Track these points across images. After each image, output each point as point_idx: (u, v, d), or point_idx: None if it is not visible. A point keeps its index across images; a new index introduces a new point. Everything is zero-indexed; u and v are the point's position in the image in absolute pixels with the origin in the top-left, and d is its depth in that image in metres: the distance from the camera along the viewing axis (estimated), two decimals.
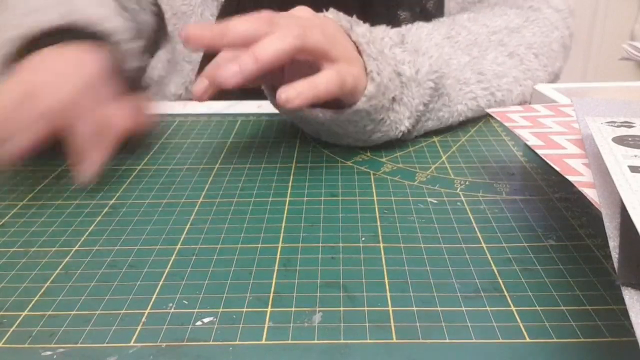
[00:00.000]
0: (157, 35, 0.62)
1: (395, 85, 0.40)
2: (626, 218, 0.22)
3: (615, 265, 0.20)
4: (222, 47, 0.36)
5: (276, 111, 0.52)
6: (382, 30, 0.42)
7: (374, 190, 0.36)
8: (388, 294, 0.26)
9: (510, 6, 0.55)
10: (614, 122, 0.30)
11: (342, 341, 0.23)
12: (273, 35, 0.34)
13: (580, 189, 0.26)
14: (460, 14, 0.52)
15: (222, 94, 0.37)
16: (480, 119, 0.48)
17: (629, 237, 0.21)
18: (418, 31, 0.44)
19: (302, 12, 0.39)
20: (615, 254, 0.21)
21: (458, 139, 0.44)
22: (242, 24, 0.34)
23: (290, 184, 0.37)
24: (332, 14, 0.40)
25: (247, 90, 0.39)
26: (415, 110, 0.41)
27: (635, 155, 0.26)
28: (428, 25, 0.46)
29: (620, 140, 0.27)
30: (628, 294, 0.19)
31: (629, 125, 0.30)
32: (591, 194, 0.25)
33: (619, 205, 0.23)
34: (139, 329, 0.24)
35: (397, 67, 0.40)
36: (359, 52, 0.38)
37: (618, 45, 0.56)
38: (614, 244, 0.21)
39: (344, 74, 0.36)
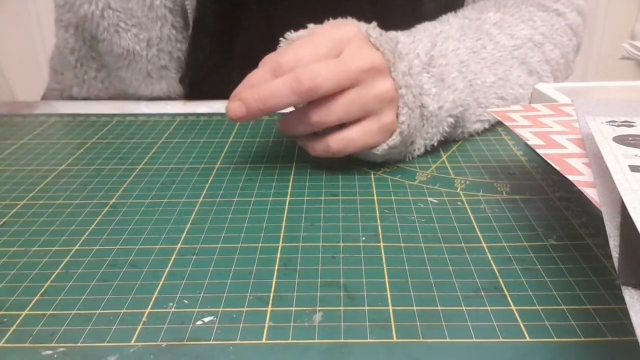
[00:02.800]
0: None
1: (418, 128, 0.38)
2: (626, 217, 0.22)
3: (616, 264, 0.20)
4: (261, 115, 0.36)
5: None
6: (409, 43, 0.40)
7: (374, 190, 0.36)
8: (388, 294, 0.26)
9: (537, 6, 0.53)
10: (615, 121, 0.30)
11: (342, 340, 0.23)
12: (309, 121, 0.36)
13: (581, 188, 0.26)
14: (487, 10, 0.49)
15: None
16: None
17: (629, 236, 0.21)
18: (444, 45, 0.42)
19: (347, 30, 0.37)
20: (615, 253, 0.21)
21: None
22: (280, 97, 0.35)
23: (290, 184, 0.37)
24: (374, 32, 0.37)
25: None
26: (430, 145, 0.41)
27: (636, 155, 0.26)
28: (454, 34, 0.44)
29: (620, 140, 0.27)
30: (628, 293, 0.19)
31: (629, 124, 0.30)
32: (591, 194, 0.25)
33: (619, 205, 0.23)
34: (139, 329, 0.24)
35: (421, 98, 0.38)
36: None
37: (618, 45, 0.56)
38: (614, 243, 0.21)
39: (356, 139, 0.37)
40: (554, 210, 0.33)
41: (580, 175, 0.27)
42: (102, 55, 0.55)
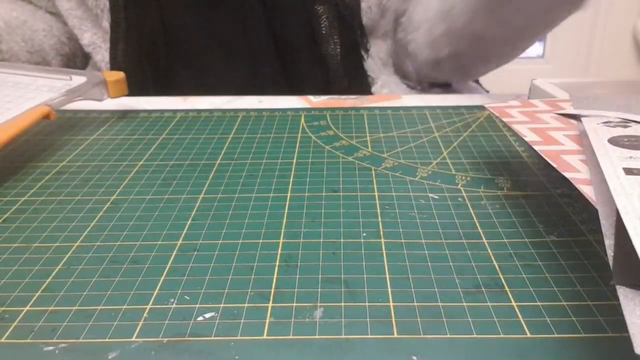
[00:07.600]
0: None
1: None
2: (620, 219, 0.22)
3: (611, 264, 0.20)
4: None
5: (277, 106, 0.52)
6: None
7: (375, 186, 0.36)
8: (389, 290, 0.26)
9: None
10: (610, 121, 0.30)
11: (343, 336, 0.23)
12: None
13: (577, 185, 0.26)
14: None
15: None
16: (481, 113, 0.48)
17: (622, 237, 0.21)
18: None
19: None
20: (610, 252, 0.21)
21: (459, 134, 0.44)
22: None
23: (291, 180, 0.37)
24: None
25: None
26: None
27: (631, 157, 0.25)
28: None
29: (615, 141, 0.27)
30: (622, 293, 0.19)
31: (625, 124, 0.30)
32: (588, 191, 0.25)
33: (615, 204, 0.23)
34: (140, 324, 0.24)
35: None
36: None
37: (620, 41, 0.56)
38: (609, 242, 0.21)
39: None
40: (555, 207, 0.33)
41: (577, 173, 0.27)
42: None
